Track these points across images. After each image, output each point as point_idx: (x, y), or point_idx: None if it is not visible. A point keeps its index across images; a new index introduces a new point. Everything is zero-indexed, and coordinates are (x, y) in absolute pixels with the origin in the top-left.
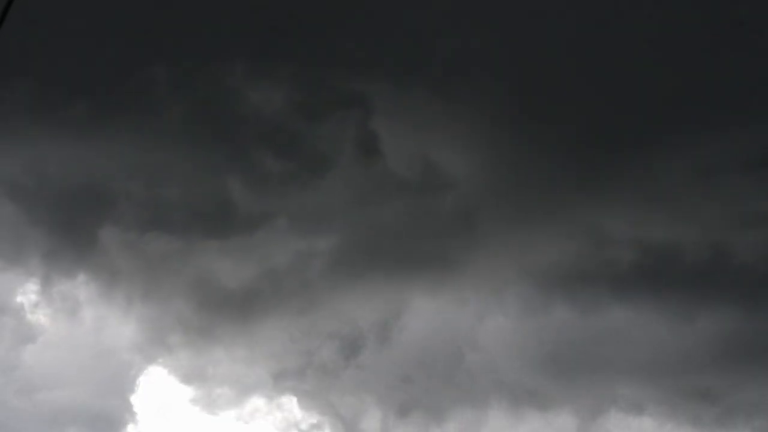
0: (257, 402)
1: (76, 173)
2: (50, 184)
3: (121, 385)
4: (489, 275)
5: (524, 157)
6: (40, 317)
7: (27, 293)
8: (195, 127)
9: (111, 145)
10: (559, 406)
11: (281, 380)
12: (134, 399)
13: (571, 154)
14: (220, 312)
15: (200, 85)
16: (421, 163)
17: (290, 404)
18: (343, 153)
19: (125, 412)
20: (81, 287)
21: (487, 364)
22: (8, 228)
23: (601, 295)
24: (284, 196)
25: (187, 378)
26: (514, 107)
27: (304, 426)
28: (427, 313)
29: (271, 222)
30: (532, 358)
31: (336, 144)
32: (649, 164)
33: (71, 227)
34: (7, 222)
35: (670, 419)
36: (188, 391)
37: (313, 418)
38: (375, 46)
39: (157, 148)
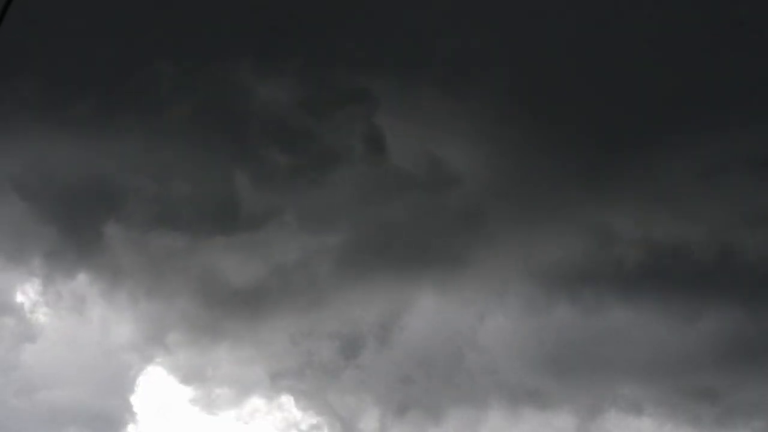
0: (257, 402)
1: (80, 171)
2: (54, 182)
3: (122, 385)
4: (493, 274)
5: (529, 156)
6: (41, 316)
7: (27, 292)
8: (200, 124)
9: (116, 143)
10: (560, 405)
11: (282, 380)
12: (134, 399)
13: (576, 152)
14: (223, 311)
15: (205, 82)
16: (426, 160)
17: (290, 404)
18: (350, 150)
19: (125, 413)
20: (82, 286)
21: (488, 364)
22: (10, 226)
23: (604, 294)
24: (290, 192)
25: (186, 378)
26: (519, 105)
27: (303, 426)
28: (431, 312)
29: (276, 219)
30: (535, 358)
31: (342, 141)
32: (653, 164)
33: (74, 226)
34: (9, 220)
35: (669, 419)
36: (188, 392)
37: (313, 419)
38: (380, 44)
39: (163, 146)
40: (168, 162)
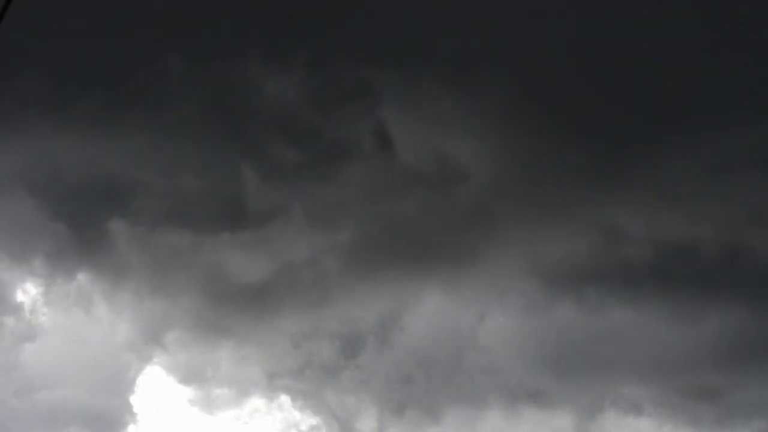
0: (257, 402)
1: (85, 169)
2: (58, 180)
3: (121, 385)
4: (498, 272)
5: (535, 154)
6: (41, 316)
7: (28, 291)
8: (206, 121)
9: (122, 140)
10: (560, 405)
11: (283, 381)
12: (134, 399)
13: (582, 151)
14: (225, 310)
15: (211, 79)
16: (433, 156)
17: (290, 405)
18: (356, 146)
19: (125, 412)
20: (84, 285)
21: (491, 364)
22: (12, 225)
23: (609, 293)
24: (296, 189)
25: (186, 378)
26: (526, 103)
27: (303, 427)
28: (436, 311)
29: (283, 216)
30: (542, 357)
31: (349, 137)
32: (660, 162)
33: (78, 224)
34: (12, 218)
35: (669, 419)
36: (188, 392)
37: (313, 419)
38: (387, 41)
39: (169, 143)
40: (174, 159)
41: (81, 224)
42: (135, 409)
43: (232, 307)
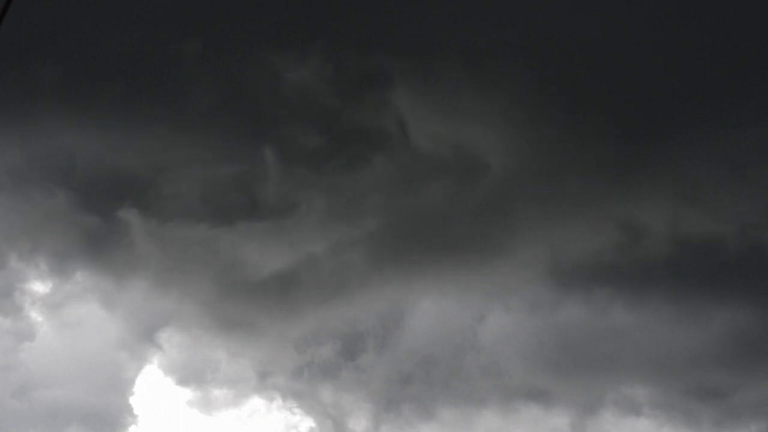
0: (257, 402)
1: (101, 160)
2: (74, 171)
3: (120, 384)
4: (514, 269)
5: (555, 149)
6: (40, 315)
7: (30, 290)
8: (225, 110)
9: (140, 129)
10: (558, 404)
11: (283, 381)
12: (133, 398)
13: (603, 145)
14: (234, 306)
15: (229, 67)
16: (451, 147)
17: (289, 405)
18: (375, 135)
19: (124, 411)
20: (85, 284)
21: (497, 362)
22: (19, 221)
23: (619, 292)
24: (314, 178)
25: (185, 379)
26: (546, 96)
27: (303, 428)
28: (448, 307)
29: (303, 204)
30: (543, 356)
31: (367, 126)
32: (680, 158)
33: (88, 219)
34: (21, 213)
35: (670, 420)
36: (186, 392)
37: (312, 420)
38: (407, 28)
39: (187, 132)
40: (193, 148)
41: (92, 218)
42: (134, 408)
43: (240, 302)
